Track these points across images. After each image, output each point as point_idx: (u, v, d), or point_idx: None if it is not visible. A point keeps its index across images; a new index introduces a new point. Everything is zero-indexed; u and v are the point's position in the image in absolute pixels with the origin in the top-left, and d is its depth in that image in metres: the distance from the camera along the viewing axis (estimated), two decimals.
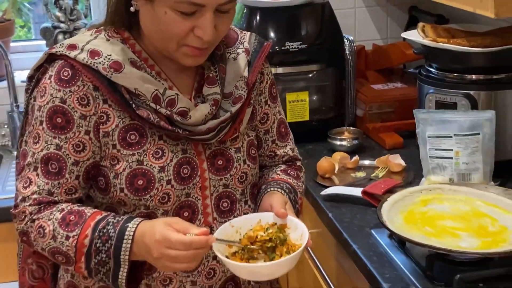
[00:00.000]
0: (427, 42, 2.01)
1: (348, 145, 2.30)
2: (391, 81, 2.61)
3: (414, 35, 2.10)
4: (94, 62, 1.36)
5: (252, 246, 1.33)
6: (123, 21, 1.41)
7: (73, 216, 1.34)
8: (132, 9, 1.37)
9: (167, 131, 1.38)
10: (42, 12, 2.88)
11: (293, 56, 2.36)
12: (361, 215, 1.85)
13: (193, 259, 1.28)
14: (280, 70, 2.39)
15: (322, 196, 1.98)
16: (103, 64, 1.35)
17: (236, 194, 1.48)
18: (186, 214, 1.43)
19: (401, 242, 1.63)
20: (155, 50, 1.41)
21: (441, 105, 2.01)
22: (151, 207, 1.39)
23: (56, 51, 1.39)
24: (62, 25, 2.76)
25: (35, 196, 1.36)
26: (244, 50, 1.51)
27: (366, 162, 2.20)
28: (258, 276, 1.33)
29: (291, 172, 1.60)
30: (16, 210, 1.38)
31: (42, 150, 1.36)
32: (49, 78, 1.38)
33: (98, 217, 1.34)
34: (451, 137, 1.89)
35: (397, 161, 2.11)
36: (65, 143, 1.36)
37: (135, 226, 1.31)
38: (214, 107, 1.42)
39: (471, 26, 2.18)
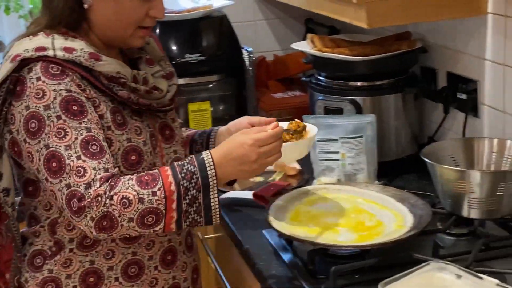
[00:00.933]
0: (313, 52, 2.14)
1: None
2: (291, 89, 2.73)
3: (302, 46, 2.22)
4: (74, 56, 1.44)
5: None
6: (74, 19, 1.49)
7: (146, 177, 1.41)
8: (85, 6, 1.47)
9: (145, 107, 1.53)
10: None
11: (193, 67, 2.46)
12: (255, 217, 1.95)
13: (280, 147, 1.50)
14: (181, 81, 2.46)
15: (220, 201, 2.06)
16: (83, 57, 1.45)
17: (182, 157, 1.63)
18: None
19: (287, 241, 1.74)
20: (99, 41, 1.52)
21: (329, 111, 2.13)
22: None
23: (31, 55, 1.43)
24: None
25: (99, 176, 1.38)
26: (150, 36, 1.65)
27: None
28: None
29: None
30: (88, 200, 1.37)
31: (77, 138, 1.40)
32: (39, 80, 1.42)
33: (167, 167, 1.44)
34: (337, 140, 2.01)
35: (292, 165, 2.22)
36: (91, 124, 1.43)
37: (209, 155, 1.45)
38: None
39: (358, 36, 2.32)
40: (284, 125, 1.67)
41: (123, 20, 1.49)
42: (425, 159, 1.76)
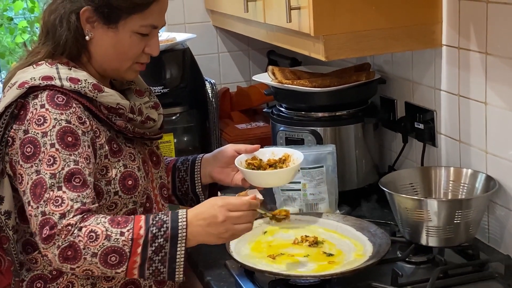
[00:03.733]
0: (274, 83, 2.17)
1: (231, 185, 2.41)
2: (255, 120, 2.76)
3: (264, 78, 2.26)
4: (80, 87, 1.51)
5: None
6: (76, 49, 1.55)
7: (120, 218, 1.45)
8: (87, 38, 1.53)
9: (139, 135, 1.60)
10: None
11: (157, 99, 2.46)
12: (217, 248, 1.94)
13: (252, 218, 1.51)
14: None
15: None
16: (87, 88, 1.52)
17: (166, 182, 1.73)
18: (147, 204, 1.62)
19: (249, 272, 1.74)
20: (96, 73, 1.58)
21: (291, 141, 2.16)
22: (136, 202, 1.56)
23: (39, 84, 1.48)
24: None
25: (75, 207, 1.41)
26: None
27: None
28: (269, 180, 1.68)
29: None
30: (58, 228, 1.40)
31: (63, 169, 1.44)
32: (43, 107, 1.47)
33: (143, 215, 1.47)
34: (298, 170, 2.03)
35: (254, 195, 2.24)
36: (80, 158, 1.46)
37: (184, 211, 1.47)
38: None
39: (318, 68, 2.36)
40: (268, 151, 1.73)
41: (121, 54, 1.56)
42: (384, 189, 1.79)
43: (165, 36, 2.62)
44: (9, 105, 1.49)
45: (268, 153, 1.74)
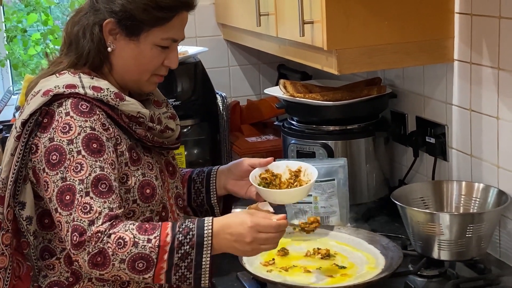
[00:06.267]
0: (285, 97, 2.19)
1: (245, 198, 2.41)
2: (265, 133, 2.77)
3: (275, 91, 2.27)
4: (102, 95, 1.53)
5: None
6: (98, 60, 1.58)
7: (147, 225, 1.47)
8: (109, 49, 1.57)
9: (157, 144, 1.62)
10: None
11: None
12: (229, 260, 1.95)
13: (278, 240, 1.53)
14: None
15: None
16: (110, 96, 1.54)
17: (181, 193, 1.74)
18: (163, 214, 1.63)
19: (261, 283, 1.75)
20: (116, 84, 1.60)
21: (302, 154, 2.17)
22: (153, 211, 1.59)
23: (63, 91, 1.50)
24: None
25: (103, 213, 1.44)
26: None
27: (238, 210, 2.31)
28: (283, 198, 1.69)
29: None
30: (88, 235, 1.42)
31: (90, 175, 1.46)
32: (67, 115, 1.49)
33: (170, 222, 1.50)
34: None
35: (265, 208, 2.22)
36: (105, 164, 1.48)
37: (210, 220, 1.49)
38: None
39: (329, 82, 2.38)
40: (282, 164, 1.74)
41: (141, 66, 1.59)
42: (396, 202, 1.80)
43: (178, 50, 2.64)
44: (33, 112, 1.51)
45: (282, 166, 1.74)
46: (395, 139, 2.28)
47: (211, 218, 1.51)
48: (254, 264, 1.73)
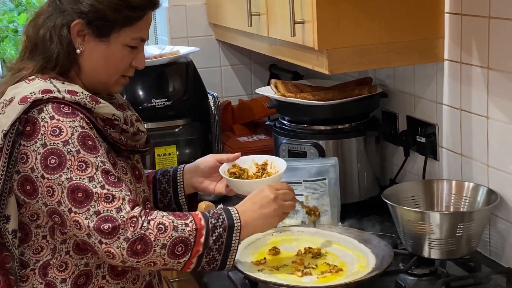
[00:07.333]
0: (277, 97, 2.19)
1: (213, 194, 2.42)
2: (256, 133, 2.78)
3: (267, 91, 2.28)
4: (79, 98, 1.50)
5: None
6: (68, 63, 1.54)
7: (176, 212, 1.51)
8: (78, 51, 1.53)
9: (130, 148, 1.60)
10: None
11: (160, 112, 2.49)
12: None
13: (293, 195, 1.65)
14: (148, 125, 2.50)
15: None
16: (86, 99, 1.51)
17: (148, 196, 1.71)
18: None
19: (252, 282, 1.75)
20: (84, 86, 1.56)
21: (293, 154, 2.18)
22: None
23: (42, 97, 1.46)
24: None
25: (127, 199, 1.44)
26: None
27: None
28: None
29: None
30: (120, 221, 1.41)
31: (97, 169, 1.45)
32: (53, 119, 1.46)
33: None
34: (301, 183, 2.05)
35: None
36: (104, 158, 1.48)
37: (232, 207, 1.56)
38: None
39: (320, 82, 2.39)
40: (249, 159, 1.77)
41: (111, 67, 1.56)
42: (386, 201, 1.81)
43: (169, 49, 2.64)
44: (13, 121, 1.46)
45: (248, 161, 1.78)
46: (386, 139, 2.29)
47: (232, 206, 1.56)
48: (246, 264, 1.73)
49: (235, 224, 1.52)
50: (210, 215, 1.51)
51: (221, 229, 1.50)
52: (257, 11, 2.20)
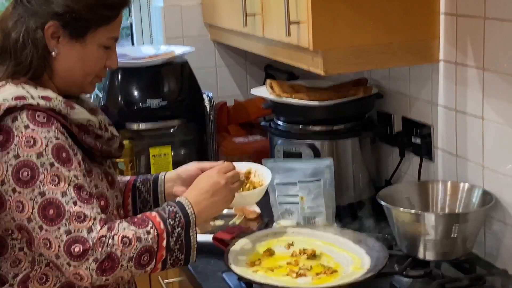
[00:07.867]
0: (272, 97, 2.19)
1: None
2: (252, 134, 2.77)
3: (262, 91, 2.27)
4: (54, 105, 1.45)
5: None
6: (43, 67, 1.48)
7: (135, 219, 1.47)
8: (53, 54, 1.48)
9: (106, 154, 1.58)
10: None
11: (155, 112, 2.49)
12: (215, 260, 1.95)
13: (238, 176, 1.66)
14: (142, 126, 2.50)
15: None
16: (60, 105, 1.47)
17: (121, 202, 1.69)
18: None
19: (247, 284, 1.75)
20: (56, 89, 1.51)
21: (288, 155, 2.17)
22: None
23: (16, 104, 1.41)
24: None
25: (98, 218, 1.41)
26: None
27: (224, 211, 2.31)
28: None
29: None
30: (91, 243, 1.38)
31: (69, 184, 1.41)
32: (27, 128, 1.40)
33: (148, 212, 1.51)
34: (296, 184, 2.04)
35: (252, 208, 2.25)
36: (77, 172, 1.44)
37: (182, 197, 1.55)
38: None
39: (316, 82, 2.38)
40: (240, 166, 1.75)
41: (86, 68, 1.53)
42: (382, 202, 1.80)
43: (164, 50, 2.64)
44: None
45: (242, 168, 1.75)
46: (381, 140, 2.29)
47: (183, 197, 1.55)
48: (240, 265, 1.72)
49: (191, 220, 1.51)
50: (167, 215, 1.48)
51: (179, 229, 1.48)
52: (252, 12, 2.19)
